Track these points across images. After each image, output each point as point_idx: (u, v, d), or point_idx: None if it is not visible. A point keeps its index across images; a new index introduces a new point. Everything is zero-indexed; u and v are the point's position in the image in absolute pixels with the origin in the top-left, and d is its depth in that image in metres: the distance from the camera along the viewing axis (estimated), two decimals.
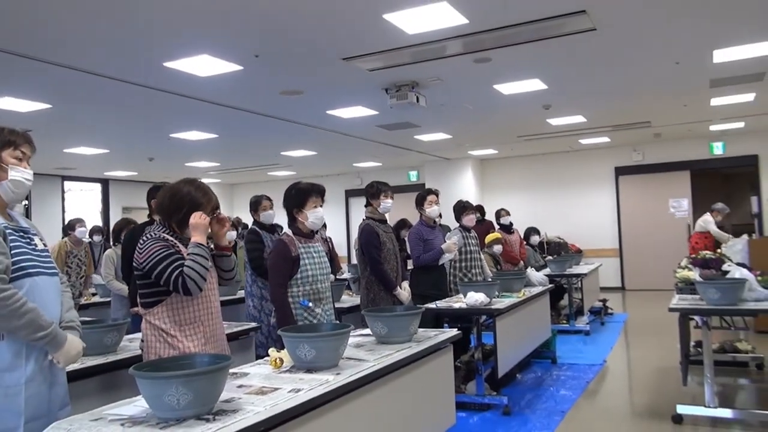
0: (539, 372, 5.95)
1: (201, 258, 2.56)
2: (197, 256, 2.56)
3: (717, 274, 4.76)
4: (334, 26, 4.92)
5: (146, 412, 1.99)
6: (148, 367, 2.08)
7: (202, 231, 2.63)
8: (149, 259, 2.57)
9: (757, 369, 5.64)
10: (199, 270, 2.54)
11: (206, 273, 2.58)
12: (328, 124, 8.82)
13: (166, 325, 2.61)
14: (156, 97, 6.72)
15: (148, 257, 2.58)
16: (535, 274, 6.45)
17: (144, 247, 2.61)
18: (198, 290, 2.56)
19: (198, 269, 2.54)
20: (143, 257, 2.60)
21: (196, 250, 2.57)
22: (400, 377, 2.84)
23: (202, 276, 2.55)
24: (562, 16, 4.88)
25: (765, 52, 6.14)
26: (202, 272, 2.55)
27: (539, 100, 7.93)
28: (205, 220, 2.65)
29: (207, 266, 2.58)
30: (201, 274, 2.55)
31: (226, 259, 2.87)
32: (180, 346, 2.58)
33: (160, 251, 2.58)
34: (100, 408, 2.11)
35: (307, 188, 3.49)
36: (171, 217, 2.69)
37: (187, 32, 4.91)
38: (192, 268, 2.53)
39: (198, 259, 2.55)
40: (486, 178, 14.08)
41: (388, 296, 4.57)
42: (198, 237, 2.61)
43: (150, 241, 2.62)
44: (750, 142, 11.58)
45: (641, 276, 12.32)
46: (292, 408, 2.07)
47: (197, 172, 13.48)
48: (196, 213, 2.64)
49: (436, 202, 5.34)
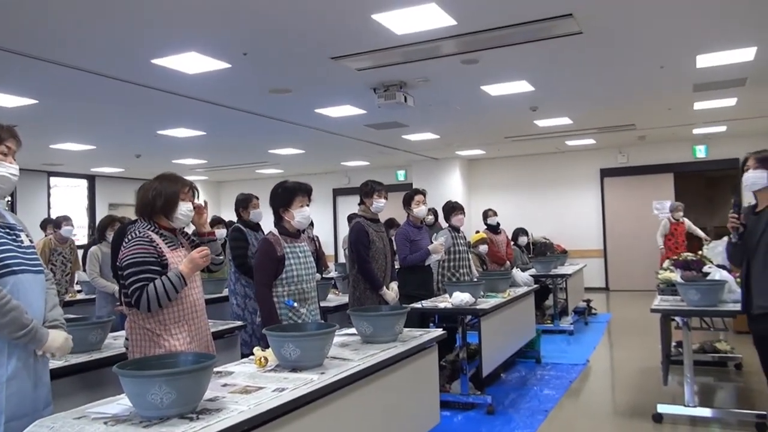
0: (523, 371, 6.00)
1: (171, 287, 2.57)
2: (170, 284, 2.57)
3: (698, 275, 4.83)
4: (323, 25, 4.93)
5: (130, 410, 1.99)
6: (131, 365, 2.09)
7: (194, 267, 2.66)
8: (127, 259, 2.59)
9: (735, 369, 5.73)
10: (161, 296, 2.55)
11: (166, 301, 2.58)
12: (317, 122, 8.82)
13: (151, 324, 2.62)
14: (143, 93, 6.68)
15: (127, 257, 2.60)
16: (520, 275, 6.50)
17: (128, 246, 2.62)
18: (147, 310, 2.57)
19: (161, 294, 2.55)
20: (124, 255, 2.61)
21: (173, 280, 2.58)
22: (384, 377, 2.85)
23: (159, 301, 2.56)
24: (549, 19, 4.91)
25: (746, 58, 6.23)
26: (163, 299, 2.56)
27: (526, 101, 7.98)
28: (204, 261, 2.68)
29: (171, 297, 2.59)
30: (160, 299, 2.56)
31: (212, 244, 2.92)
32: (166, 345, 2.59)
33: (138, 255, 2.59)
34: (83, 406, 2.11)
35: (294, 187, 3.49)
36: (155, 209, 2.72)
37: (176, 29, 4.90)
38: (156, 289, 2.55)
39: (168, 286, 2.57)
40: (473, 179, 14.13)
41: (374, 295, 4.58)
42: (186, 269, 2.63)
43: (134, 241, 2.63)
44: (732, 145, 11.70)
45: (625, 277, 12.43)
46: (276, 407, 2.08)
47: (184, 170, 13.41)
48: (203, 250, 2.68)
49: (423, 202, 5.37)
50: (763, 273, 3.34)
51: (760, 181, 3.40)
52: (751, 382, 5.29)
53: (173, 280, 2.57)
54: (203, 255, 2.66)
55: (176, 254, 2.69)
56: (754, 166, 3.41)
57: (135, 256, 2.59)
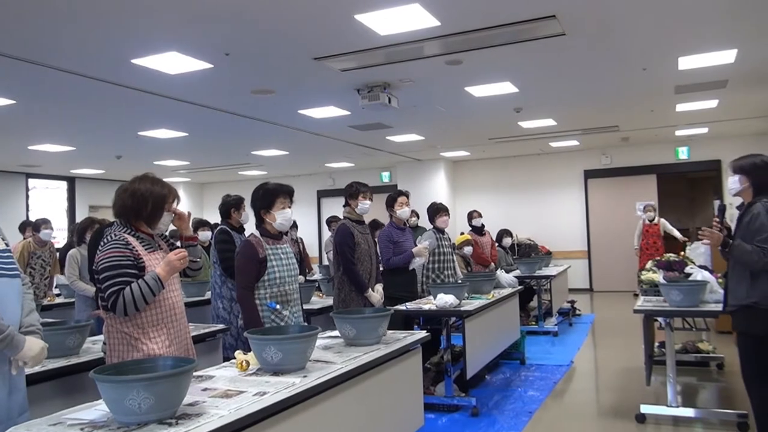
0: (508, 373, 6.00)
1: (148, 290, 2.52)
2: (147, 287, 2.52)
3: (680, 276, 4.86)
4: (306, 26, 4.90)
5: (107, 416, 1.96)
6: (109, 370, 2.06)
7: (171, 270, 2.61)
8: (102, 262, 2.54)
9: (717, 369, 5.77)
10: (137, 299, 2.50)
11: (143, 305, 2.53)
12: (300, 123, 8.78)
13: (129, 328, 2.56)
14: (124, 94, 6.61)
15: (102, 260, 2.55)
16: (504, 276, 6.51)
17: (104, 249, 2.57)
18: (123, 314, 2.52)
19: (137, 298, 2.50)
20: (99, 258, 2.56)
21: (150, 283, 2.53)
22: (368, 380, 2.83)
23: (136, 305, 2.51)
24: (533, 20, 4.93)
25: (727, 60, 6.29)
26: (139, 303, 2.51)
27: (510, 102, 8.00)
28: (182, 264, 2.63)
29: (148, 300, 2.54)
30: (137, 303, 2.50)
31: (193, 249, 2.89)
32: (144, 349, 2.54)
33: (114, 259, 2.54)
34: (60, 412, 2.07)
35: (276, 189, 3.47)
36: (139, 216, 2.66)
37: (156, 29, 4.84)
38: (133, 293, 2.49)
39: (144, 290, 2.51)
40: (458, 180, 14.16)
41: (359, 297, 4.56)
42: (163, 272, 2.57)
43: (111, 243, 2.58)
44: (713, 147, 11.85)
45: (609, 278, 12.51)
46: (257, 411, 2.05)
47: (166, 171, 13.30)
48: (180, 252, 2.63)
49: (406, 203, 5.35)
50: (734, 271, 3.42)
51: (734, 185, 3.53)
52: (732, 381, 5.32)
53: (150, 284, 2.52)
54: (180, 257, 2.61)
55: (153, 257, 2.64)
56: (732, 171, 3.50)
57: (111, 259, 2.54)
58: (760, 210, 3.28)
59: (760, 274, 3.27)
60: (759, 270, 3.25)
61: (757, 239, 3.22)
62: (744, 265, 3.31)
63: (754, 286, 3.28)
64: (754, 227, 3.26)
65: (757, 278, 3.28)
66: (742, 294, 3.34)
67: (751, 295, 3.28)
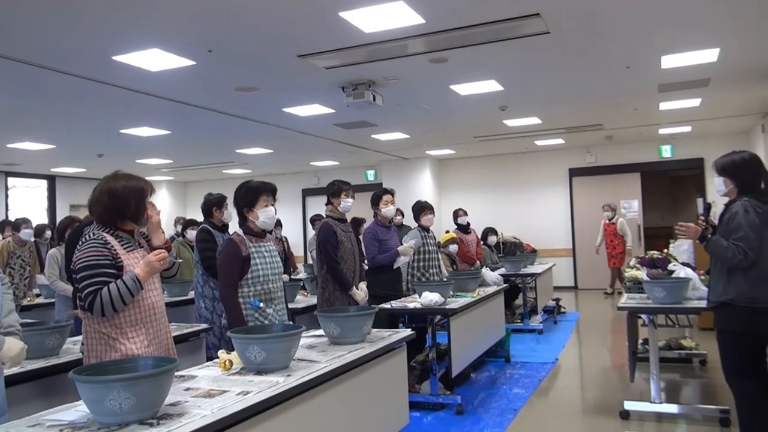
0: (493, 371, 6.00)
1: (126, 291, 2.48)
2: (125, 288, 2.48)
3: (663, 273, 4.89)
4: (290, 23, 4.86)
5: (87, 417, 1.94)
6: (89, 370, 2.03)
7: (150, 271, 2.57)
8: (80, 262, 2.50)
9: (700, 365, 5.82)
10: (115, 300, 2.46)
11: (121, 305, 2.49)
12: (285, 122, 8.73)
13: (107, 328, 2.53)
14: (105, 91, 6.52)
15: (80, 259, 2.51)
16: (489, 274, 6.51)
17: (81, 249, 2.53)
18: (101, 315, 2.48)
19: (115, 298, 2.46)
20: (77, 258, 2.52)
21: (129, 283, 2.49)
22: (352, 378, 2.82)
23: (114, 306, 2.47)
24: (517, 18, 4.93)
25: (710, 59, 6.34)
26: (117, 303, 2.47)
27: (495, 101, 8.01)
28: (161, 265, 2.59)
29: (126, 300, 2.49)
30: (114, 303, 2.46)
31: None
32: (122, 349, 2.51)
33: (92, 258, 2.50)
34: (39, 413, 2.04)
35: (258, 187, 3.44)
36: (124, 215, 2.61)
37: (137, 25, 4.77)
38: (110, 293, 2.46)
39: (122, 290, 2.47)
40: (443, 178, 14.17)
41: (343, 296, 4.54)
42: (142, 272, 2.53)
43: (88, 243, 2.54)
44: (696, 145, 11.96)
45: (593, 275, 12.57)
46: (240, 411, 2.04)
47: (149, 170, 13.19)
48: (160, 253, 2.58)
49: (391, 201, 5.34)
50: (714, 267, 3.47)
51: (720, 187, 3.56)
52: (715, 377, 5.37)
53: (128, 284, 2.48)
54: (160, 258, 2.57)
55: (132, 256, 2.60)
56: (715, 172, 3.53)
57: (88, 258, 2.49)
58: (739, 209, 3.33)
59: (736, 272, 3.32)
60: (734, 267, 3.30)
61: (733, 237, 3.27)
62: (720, 261, 3.36)
63: (731, 283, 3.33)
64: (732, 226, 3.31)
65: (734, 276, 3.33)
66: (719, 291, 3.39)
67: (727, 292, 3.33)
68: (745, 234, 3.24)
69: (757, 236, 3.26)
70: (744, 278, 3.30)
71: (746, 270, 3.29)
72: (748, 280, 3.29)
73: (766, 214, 3.34)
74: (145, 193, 2.65)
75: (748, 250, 3.22)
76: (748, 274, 3.30)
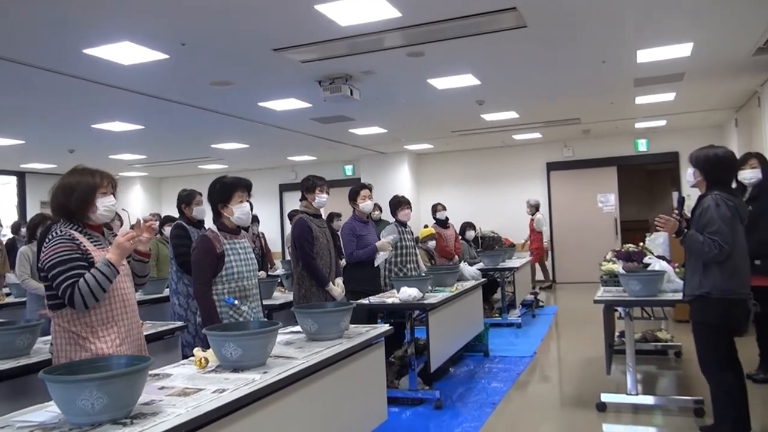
0: (472, 365, 6.02)
1: (103, 278, 2.43)
2: (101, 275, 2.43)
3: (639, 266, 4.93)
4: (264, 15, 4.79)
5: (58, 417, 1.92)
6: (60, 370, 2.00)
7: (121, 253, 2.52)
8: (50, 259, 2.44)
9: (675, 357, 5.90)
10: (95, 289, 2.41)
11: (101, 294, 2.45)
12: (261, 116, 8.64)
13: (77, 327, 2.48)
14: (76, 85, 6.38)
15: (49, 257, 2.45)
16: (468, 269, 6.52)
17: (49, 246, 2.47)
18: (83, 307, 2.43)
19: (94, 287, 2.41)
20: (45, 256, 2.46)
21: (103, 269, 2.44)
22: (330, 374, 2.81)
23: (95, 296, 2.42)
24: (494, 12, 4.92)
25: (683, 54, 6.40)
26: (97, 292, 2.43)
27: (473, 95, 8.01)
28: (132, 244, 2.54)
29: (105, 288, 2.45)
30: (95, 293, 2.42)
31: (143, 264, 2.80)
32: (92, 348, 2.46)
33: (62, 253, 2.44)
34: (8, 414, 2.01)
35: (233, 182, 3.41)
36: (70, 209, 2.55)
37: (108, 17, 4.66)
38: (88, 283, 2.41)
39: (99, 278, 2.42)
40: (422, 173, 14.17)
41: (320, 292, 4.50)
42: (114, 256, 2.48)
43: (56, 239, 2.48)
44: (672, 139, 12.11)
45: (571, 269, 12.68)
46: (216, 409, 2.02)
47: (122, 165, 13.00)
48: (128, 233, 2.53)
49: (369, 196, 5.31)
50: (689, 261, 3.51)
51: (689, 178, 3.61)
52: (690, 369, 5.44)
53: (103, 270, 2.43)
54: (128, 237, 2.52)
55: (103, 253, 2.54)
56: (690, 163, 3.57)
57: (58, 254, 2.44)
58: (710, 203, 3.37)
59: (711, 265, 3.36)
60: (709, 261, 3.34)
61: (707, 231, 3.30)
62: (695, 255, 3.40)
63: (706, 277, 3.37)
64: (704, 220, 3.35)
65: (709, 269, 3.37)
66: (695, 284, 3.43)
67: (703, 285, 3.38)
68: (718, 228, 3.28)
69: (730, 229, 3.30)
70: (719, 271, 3.34)
71: (721, 263, 3.33)
72: (723, 272, 3.34)
73: (736, 207, 3.40)
74: (94, 188, 2.56)
75: (723, 243, 3.26)
76: (723, 267, 3.34)
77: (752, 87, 8.31)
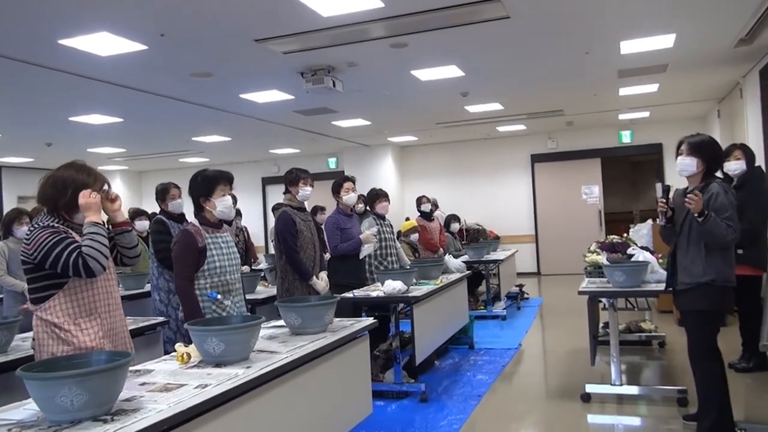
0: (457, 358, 6.01)
1: (99, 236, 2.44)
2: (95, 235, 2.44)
3: (623, 257, 4.94)
4: (245, 5, 4.71)
5: (37, 415, 1.89)
6: (38, 367, 1.97)
7: (95, 209, 2.50)
8: (40, 248, 2.41)
9: (659, 347, 5.94)
10: (99, 248, 2.42)
11: (107, 251, 2.46)
12: (242, 108, 8.55)
13: (59, 319, 2.45)
14: (52, 77, 6.25)
15: (37, 247, 2.41)
16: (452, 261, 6.51)
17: (32, 237, 2.44)
18: (101, 269, 2.44)
19: (98, 247, 2.42)
20: (32, 248, 2.42)
21: (92, 229, 2.44)
22: (314, 368, 2.77)
23: (103, 254, 2.44)
24: (477, 3, 4.89)
25: (666, 45, 6.42)
26: (103, 250, 2.44)
27: (457, 86, 7.98)
28: (96, 198, 2.51)
29: (107, 244, 2.47)
30: (102, 252, 2.43)
31: (127, 234, 2.74)
32: (75, 342, 2.43)
33: (50, 238, 2.42)
34: None
35: (215, 175, 3.36)
36: (57, 204, 2.53)
37: (84, 7, 4.55)
38: (91, 246, 2.41)
39: (96, 237, 2.43)
40: (406, 165, 14.14)
41: (303, 286, 4.46)
42: (92, 216, 2.48)
43: (38, 230, 2.45)
44: (655, 131, 12.19)
45: (555, 261, 12.74)
46: (198, 404, 1.99)
47: (101, 159, 12.81)
48: (84, 192, 2.49)
49: (352, 189, 5.26)
50: (687, 251, 3.47)
51: (690, 168, 3.51)
52: (673, 359, 5.49)
53: (93, 230, 2.45)
54: (86, 194, 2.49)
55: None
56: (687, 151, 3.50)
57: (48, 239, 2.42)
58: (718, 190, 3.37)
59: (714, 253, 3.37)
60: (725, 245, 3.35)
61: (722, 216, 3.29)
62: (713, 239, 3.33)
63: (710, 264, 3.37)
64: (716, 206, 3.33)
65: (712, 257, 3.37)
66: (698, 272, 3.40)
67: (707, 273, 3.36)
68: (732, 214, 3.31)
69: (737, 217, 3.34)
70: (722, 259, 3.37)
71: (724, 251, 3.36)
72: (725, 260, 3.38)
73: (734, 196, 3.43)
74: (86, 187, 2.54)
75: (736, 230, 3.29)
76: (725, 255, 3.38)
77: (734, 78, 8.37)
